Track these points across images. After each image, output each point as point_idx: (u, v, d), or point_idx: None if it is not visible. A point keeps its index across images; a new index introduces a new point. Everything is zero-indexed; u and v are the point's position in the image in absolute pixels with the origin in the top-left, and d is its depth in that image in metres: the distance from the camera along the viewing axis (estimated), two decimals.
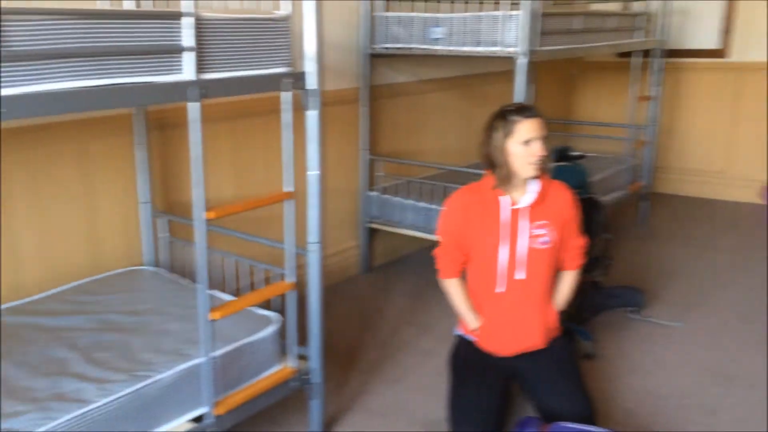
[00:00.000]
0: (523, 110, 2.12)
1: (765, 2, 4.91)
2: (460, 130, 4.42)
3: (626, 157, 4.49)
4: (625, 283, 3.62)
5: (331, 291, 3.65)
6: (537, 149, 2.09)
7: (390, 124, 3.98)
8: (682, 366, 2.86)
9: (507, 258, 2.17)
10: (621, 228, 4.66)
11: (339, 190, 3.74)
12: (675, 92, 5.42)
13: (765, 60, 5.00)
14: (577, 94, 5.94)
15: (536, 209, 2.18)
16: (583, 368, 2.64)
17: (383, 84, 3.85)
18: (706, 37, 5.20)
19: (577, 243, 2.31)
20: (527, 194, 2.17)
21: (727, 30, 5.10)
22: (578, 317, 3.06)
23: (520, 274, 2.18)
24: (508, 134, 2.10)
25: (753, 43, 5.03)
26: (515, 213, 2.17)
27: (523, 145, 2.09)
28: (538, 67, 4.82)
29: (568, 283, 2.32)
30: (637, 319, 3.27)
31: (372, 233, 3.91)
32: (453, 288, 2.28)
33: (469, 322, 2.28)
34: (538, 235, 2.17)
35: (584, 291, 3.11)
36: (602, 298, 3.27)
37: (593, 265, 3.18)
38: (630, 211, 4.85)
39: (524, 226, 2.16)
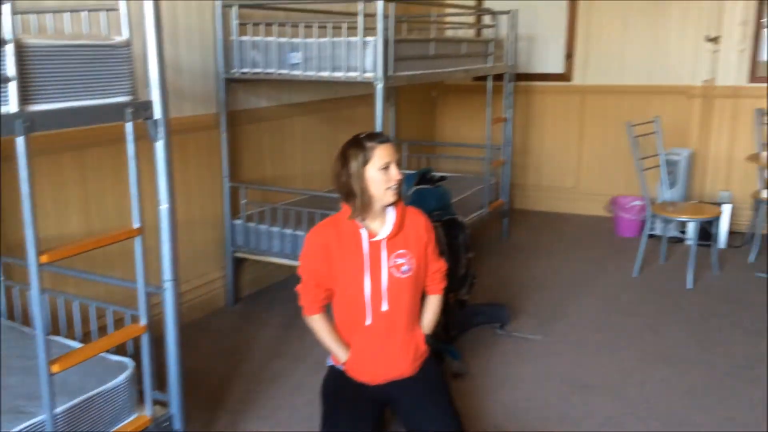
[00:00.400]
0: (376, 136, 2.13)
1: (599, 30, 5.32)
2: (324, 153, 4.40)
3: (486, 176, 4.66)
4: (490, 300, 3.74)
5: (195, 326, 3.48)
6: (395, 174, 2.11)
7: (253, 149, 3.89)
8: (544, 378, 2.97)
9: (371, 291, 2.16)
10: (485, 245, 4.83)
11: (202, 220, 3.59)
12: (528, 113, 5.73)
13: (602, 83, 5.40)
14: (438, 115, 6.13)
15: (395, 239, 2.19)
16: (453, 387, 2.68)
17: (244, 109, 3.76)
18: (552, 62, 5.56)
19: (438, 267, 2.34)
20: (385, 225, 2.18)
21: (569, 55, 5.48)
22: (446, 336, 3.11)
23: (385, 306, 2.17)
24: (366, 161, 2.09)
25: (591, 67, 5.44)
26: (375, 245, 2.16)
27: (381, 170, 2.09)
28: (398, 90, 4.97)
29: (432, 307, 2.34)
30: (503, 335, 3.38)
31: (238, 263, 3.78)
32: (318, 324, 2.23)
33: (339, 356, 2.23)
34: (398, 265, 2.18)
35: (451, 310, 3.18)
36: (469, 315, 3.35)
37: (459, 283, 3.26)
38: (492, 228, 5.04)
39: (384, 258, 2.17)
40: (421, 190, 3.23)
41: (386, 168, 2.10)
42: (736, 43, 4.89)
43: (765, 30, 4.83)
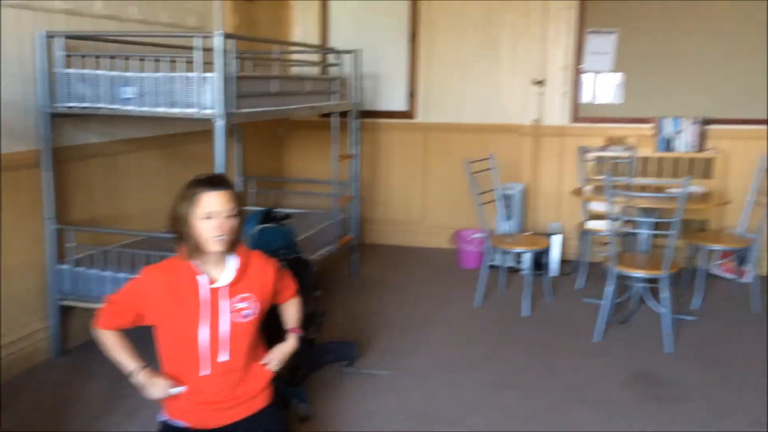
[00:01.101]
0: (211, 182, 2.05)
1: (438, 71, 5.58)
2: (164, 191, 4.19)
3: (335, 212, 4.67)
4: (341, 337, 3.72)
5: (15, 383, 3.15)
6: (219, 225, 2.01)
7: (83, 188, 3.62)
8: (392, 414, 2.98)
9: (208, 340, 2.06)
10: (335, 281, 4.82)
11: (22, 267, 3.28)
12: (375, 150, 5.85)
13: (443, 121, 5.65)
14: (287, 151, 6.09)
15: (237, 285, 2.12)
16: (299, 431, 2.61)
17: (72, 145, 3.50)
18: (397, 101, 5.74)
19: (289, 283, 2.40)
20: (226, 271, 2.10)
21: (411, 94, 5.69)
22: (293, 379, 3.03)
23: (224, 356, 2.08)
24: (191, 206, 2.01)
25: (433, 106, 5.68)
26: (214, 292, 2.07)
27: (206, 219, 2.01)
28: (245, 126, 4.88)
29: (295, 307, 2.43)
30: (351, 372, 3.35)
31: (65, 311, 3.48)
32: (108, 339, 2.14)
33: (127, 366, 2.11)
34: (240, 309, 2.11)
35: (299, 350, 3.11)
36: (317, 355, 3.30)
37: (307, 322, 3.21)
38: (342, 264, 5.05)
39: (225, 305, 2.09)
40: (265, 230, 3.16)
41: (210, 217, 2.01)
42: (559, 86, 5.33)
43: (582, 75, 5.31)
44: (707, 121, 5.02)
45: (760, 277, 4.80)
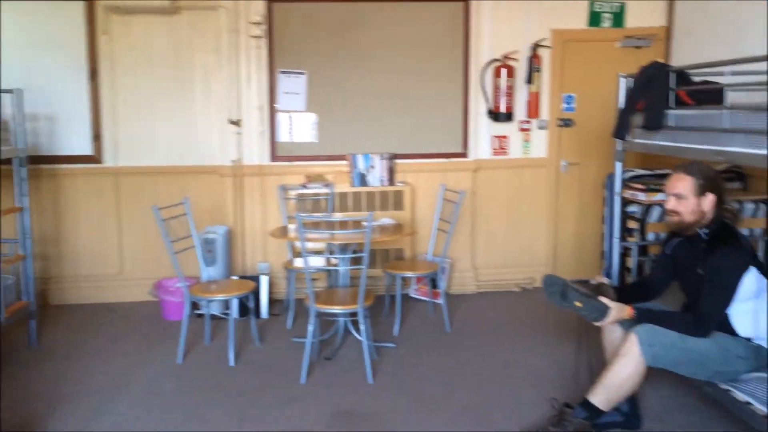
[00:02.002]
0: None
1: (126, 112, 5.18)
2: None
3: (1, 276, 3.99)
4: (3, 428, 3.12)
5: None
6: None
7: None
8: None
9: None
10: (5, 358, 4.09)
11: None
12: (58, 200, 5.20)
13: (135, 165, 5.23)
14: None
15: None
16: None
17: None
18: (79, 144, 5.17)
19: None
20: None
21: (96, 137, 5.18)
22: None
23: None
24: None
25: (122, 149, 5.23)
26: None
27: None
28: None
29: None
30: None
31: None
32: None
33: None
34: None
35: None
36: None
37: None
38: (17, 334, 4.33)
39: None
40: None
41: None
42: (256, 125, 5.27)
43: (278, 114, 5.32)
44: (394, 156, 5.36)
45: (450, 296, 5.22)
